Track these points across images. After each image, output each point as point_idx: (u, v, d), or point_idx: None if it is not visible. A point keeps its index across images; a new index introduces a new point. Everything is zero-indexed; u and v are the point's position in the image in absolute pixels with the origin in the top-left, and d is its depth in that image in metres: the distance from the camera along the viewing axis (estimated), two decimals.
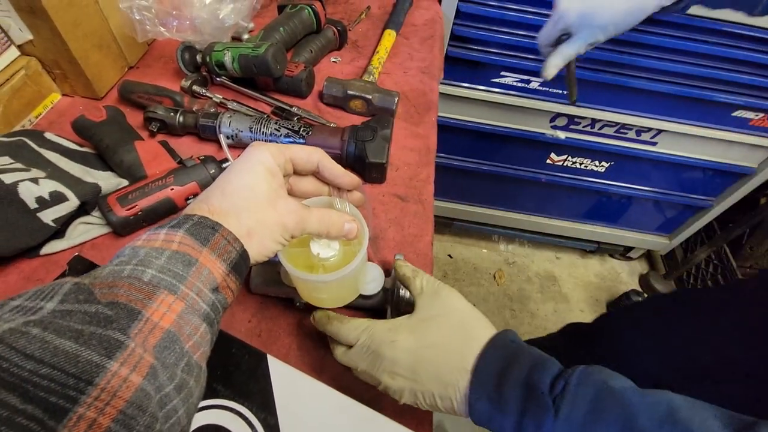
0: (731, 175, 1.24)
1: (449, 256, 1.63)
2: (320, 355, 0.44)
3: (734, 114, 1.07)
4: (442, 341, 0.32)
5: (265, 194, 0.31)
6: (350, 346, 0.36)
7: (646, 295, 1.59)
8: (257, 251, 0.31)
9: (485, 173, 1.31)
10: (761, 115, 1.06)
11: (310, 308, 0.47)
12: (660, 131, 1.14)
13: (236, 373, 0.30)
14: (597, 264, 1.68)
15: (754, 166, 1.20)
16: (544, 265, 1.65)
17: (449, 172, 1.34)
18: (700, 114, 1.08)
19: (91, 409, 0.19)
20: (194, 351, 0.25)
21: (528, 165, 1.29)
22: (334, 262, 0.36)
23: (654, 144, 1.18)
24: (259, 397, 0.29)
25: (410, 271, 0.39)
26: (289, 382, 0.30)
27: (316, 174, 0.37)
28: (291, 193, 0.39)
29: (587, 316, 1.57)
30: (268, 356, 0.32)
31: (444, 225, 1.62)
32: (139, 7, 0.58)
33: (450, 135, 1.22)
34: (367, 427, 0.28)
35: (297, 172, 0.37)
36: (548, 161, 1.27)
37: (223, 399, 0.29)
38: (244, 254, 0.30)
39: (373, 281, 0.41)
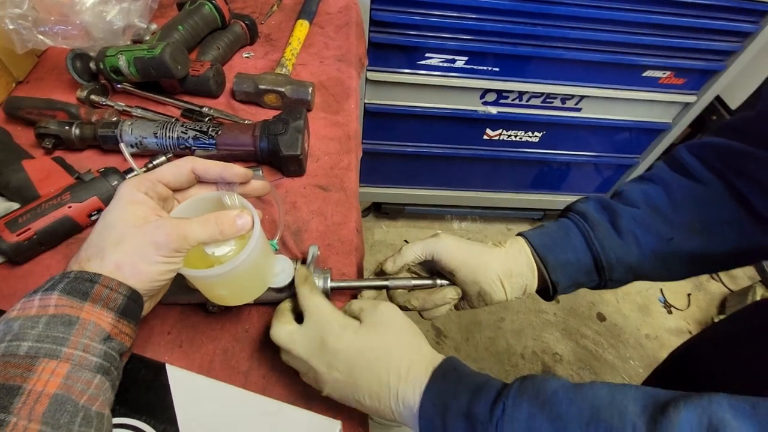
0: (651, 132, 1.33)
1: (405, 241, 1.64)
2: (246, 356, 0.43)
3: (644, 74, 1.14)
4: (385, 345, 0.34)
5: (129, 224, 0.31)
6: (298, 322, 0.37)
7: None
8: (136, 280, 0.30)
9: (426, 155, 1.33)
10: (668, 73, 1.14)
11: (226, 311, 0.46)
12: (582, 97, 1.20)
13: (132, 388, 0.29)
14: None
15: (669, 122, 1.29)
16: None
17: (390, 157, 1.35)
18: (615, 77, 1.14)
19: None
20: (92, 403, 0.26)
21: (466, 143, 1.32)
22: (232, 258, 0.35)
23: (579, 110, 1.24)
24: (157, 409, 0.28)
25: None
26: (190, 388, 0.29)
27: (200, 179, 0.36)
28: None
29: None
30: (167, 365, 0.31)
31: (397, 212, 1.63)
32: (12, 15, 0.54)
33: (385, 121, 1.22)
34: (272, 419, 0.28)
35: (177, 189, 0.36)
36: (485, 137, 1.31)
37: (118, 417, 0.28)
38: (133, 295, 0.30)
39: (282, 273, 0.40)
